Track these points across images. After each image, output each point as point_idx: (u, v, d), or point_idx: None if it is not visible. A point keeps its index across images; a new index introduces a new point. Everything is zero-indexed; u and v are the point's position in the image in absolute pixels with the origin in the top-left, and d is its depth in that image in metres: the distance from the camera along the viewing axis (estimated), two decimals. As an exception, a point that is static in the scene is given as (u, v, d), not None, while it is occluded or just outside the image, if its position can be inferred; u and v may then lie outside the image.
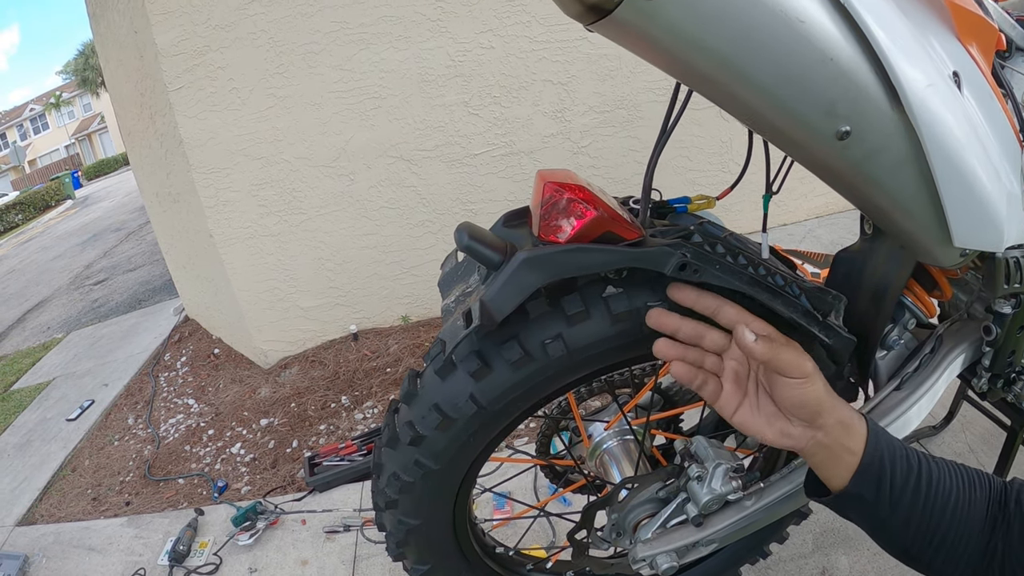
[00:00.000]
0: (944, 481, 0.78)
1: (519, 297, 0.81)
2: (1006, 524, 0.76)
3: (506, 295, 0.81)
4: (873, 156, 0.68)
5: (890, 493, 0.78)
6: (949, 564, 0.80)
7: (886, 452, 0.79)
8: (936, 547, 0.79)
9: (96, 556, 2.71)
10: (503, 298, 0.81)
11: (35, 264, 11.64)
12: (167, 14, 3.24)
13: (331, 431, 3.21)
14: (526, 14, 3.38)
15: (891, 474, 0.78)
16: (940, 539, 0.78)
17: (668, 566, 1.17)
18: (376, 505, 1.15)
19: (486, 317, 0.82)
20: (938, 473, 0.78)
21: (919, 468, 0.78)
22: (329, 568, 2.28)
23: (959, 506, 0.77)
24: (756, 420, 0.85)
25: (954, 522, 0.77)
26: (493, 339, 0.93)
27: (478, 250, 0.84)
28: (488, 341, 0.93)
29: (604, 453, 1.40)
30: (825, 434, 0.80)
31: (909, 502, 0.78)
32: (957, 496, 0.77)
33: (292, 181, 3.61)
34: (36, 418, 4.31)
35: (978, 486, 0.78)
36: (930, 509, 0.77)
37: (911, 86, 0.63)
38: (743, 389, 0.86)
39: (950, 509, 0.77)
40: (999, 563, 0.76)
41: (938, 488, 0.78)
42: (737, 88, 0.61)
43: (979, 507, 0.77)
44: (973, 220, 0.76)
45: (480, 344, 0.94)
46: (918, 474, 0.78)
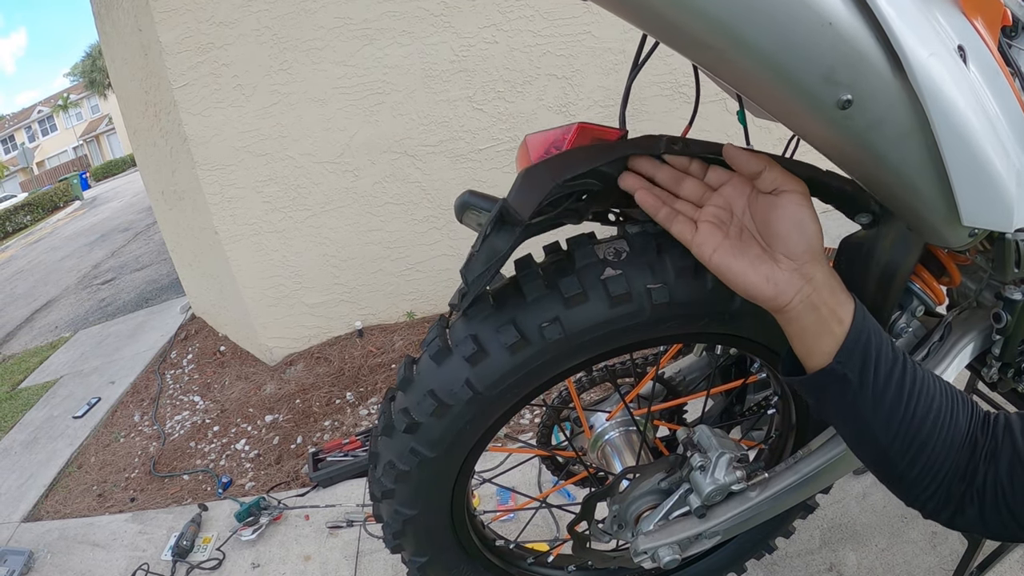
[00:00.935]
0: (928, 385, 0.75)
1: (539, 194, 0.77)
2: (991, 451, 0.73)
3: (525, 193, 0.77)
4: (876, 127, 0.65)
5: (874, 380, 0.73)
6: (924, 478, 0.76)
7: (873, 334, 0.74)
8: (914, 456, 0.75)
9: (100, 552, 2.71)
10: (523, 196, 0.77)
11: (43, 264, 11.69)
12: (171, 11, 3.24)
13: (335, 427, 3.20)
14: (530, 8, 3.36)
15: (877, 358, 0.73)
16: (919, 448, 0.74)
17: (670, 559, 1.15)
18: (373, 495, 1.14)
19: (512, 213, 0.77)
20: (923, 375, 0.75)
21: (904, 362, 0.74)
22: (332, 563, 2.27)
23: (941, 417, 0.74)
24: (738, 262, 0.76)
25: (935, 433, 0.74)
26: (490, 323, 0.91)
27: (479, 201, 0.83)
28: (485, 324, 0.91)
29: (606, 444, 1.38)
30: (814, 290, 0.74)
31: (893, 396, 0.73)
32: (940, 405, 0.74)
33: (296, 177, 3.60)
34: (43, 416, 4.33)
35: (960, 404, 0.75)
36: (912, 411, 0.73)
37: (914, 53, 0.61)
38: (723, 232, 0.78)
39: (932, 417, 0.74)
40: (978, 489, 0.73)
41: (922, 389, 0.74)
42: (733, 54, 0.59)
43: (960, 424, 0.74)
44: (981, 197, 0.73)
45: (476, 328, 0.92)
46: (903, 367, 0.74)
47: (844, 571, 1.80)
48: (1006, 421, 0.74)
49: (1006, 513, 0.72)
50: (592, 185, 0.82)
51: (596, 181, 0.81)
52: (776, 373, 1.17)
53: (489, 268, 0.80)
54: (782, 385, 1.20)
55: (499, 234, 0.78)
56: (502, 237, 0.78)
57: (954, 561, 1.71)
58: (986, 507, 0.73)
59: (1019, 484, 0.71)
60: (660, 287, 0.89)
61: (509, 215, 0.77)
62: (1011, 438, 0.72)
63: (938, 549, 1.79)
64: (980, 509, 0.74)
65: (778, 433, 1.34)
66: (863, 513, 1.94)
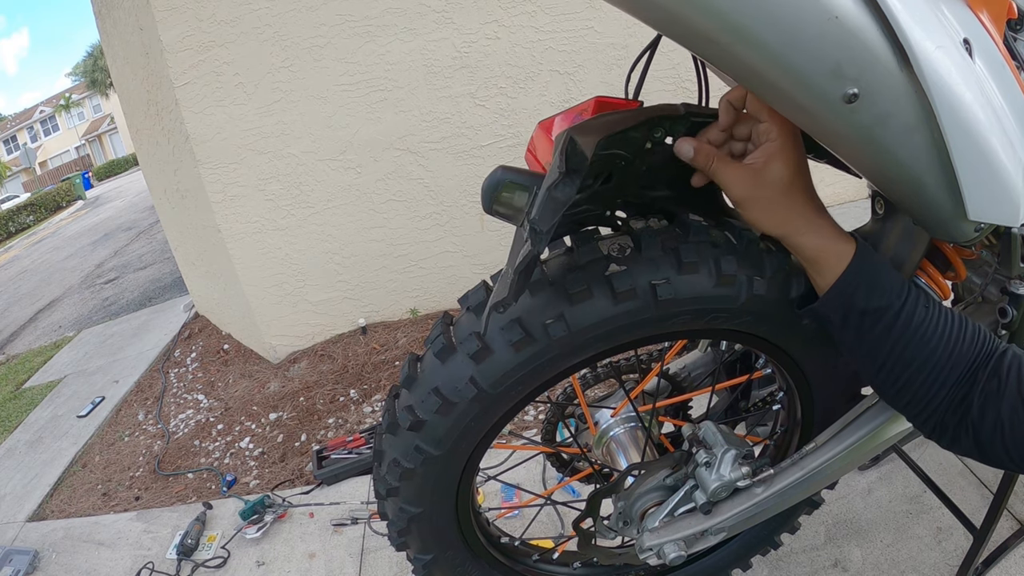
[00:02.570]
0: (925, 332, 0.79)
1: (593, 141, 0.76)
2: (992, 390, 0.76)
3: (575, 147, 0.76)
4: (883, 121, 0.65)
5: (858, 324, 0.81)
6: (913, 408, 0.84)
7: (862, 287, 0.80)
8: (900, 390, 0.82)
9: (105, 551, 2.71)
10: (578, 146, 0.76)
11: (47, 264, 11.71)
12: (172, 10, 3.23)
13: (339, 424, 3.20)
14: (532, 4, 3.35)
15: (864, 308, 0.80)
16: (905, 384, 0.81)
17: (676, 555, 1.15)
18: (378, 493, 1.14)
19: (577, 154, 0.76)
20: (920, 323, 0.79)
21: (898, 312, 0.79)
22: (336, 561, 2.27)
23: (934, 359, 0.79)
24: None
25: (924, 373, 0.79)
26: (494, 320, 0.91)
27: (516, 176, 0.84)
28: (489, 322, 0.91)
29: (611, 440, 1.37)
30: (795, 231, 0.83)
31: (877, 340, 0.81)
32: (935, 348, 0.79)
33: (299, 175, 3.60)
34: (47, 415, 4.33)
35: (965, 343, 0.79)
36: (899, 354, 0.80)
37: (920, 47, 0.61)
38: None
39: (921, 361, 0.79)
40: (974, 423, 0.78)
41: (914, 337, 0.79)
42: (738, 48, 0.59)
43: (959, 365, 0.78)
44: (988, 192, 0.73)
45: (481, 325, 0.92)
46: (894, 317, 0.79)
47: (849, 567, 1.79)
48: (1013, 360, 0.77)
49: (1001, 450, 0.77)
50: (623, 157, 0.83)
51: (626, 153, 0.82)
52: (781, 369, 1.16)
53: (557, 220, 0.78)
54: (787, 380, 1.20)
55: (561, 186, 0.77)
56: (566, 186, 0.77)
57: (959, 556, 1.71)
58: (983, 442, 0.78)
59: (1020, 426, 0.74)
60: (664, 283, 0.89)
61: (574, 155, 0.76)
62: (1018, 380, 0.75)
63: (943, 545, 1.78)
64: (976, 443, 0.79)
65: (783, 429, 1.34)
66: (868, 509, 1.94)
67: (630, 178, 0.87)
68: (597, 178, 0.85)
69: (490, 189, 0.86)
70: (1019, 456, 0.76)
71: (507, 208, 0.86)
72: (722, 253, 0.92)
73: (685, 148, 0.82)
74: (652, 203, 0.95)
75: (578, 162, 0.75)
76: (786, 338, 1.05)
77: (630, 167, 0.85)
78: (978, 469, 1.96)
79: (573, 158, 0.75)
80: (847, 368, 1.13)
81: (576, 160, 0.75)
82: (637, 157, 0.84)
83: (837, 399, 1.18)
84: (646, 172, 0.87)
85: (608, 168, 0.84)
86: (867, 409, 1.12)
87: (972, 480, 1.93)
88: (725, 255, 0.92)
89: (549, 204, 0.75)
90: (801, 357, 1.10)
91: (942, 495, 1.78)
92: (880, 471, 2.05)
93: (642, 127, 0.82)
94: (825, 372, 1.13)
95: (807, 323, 1.00)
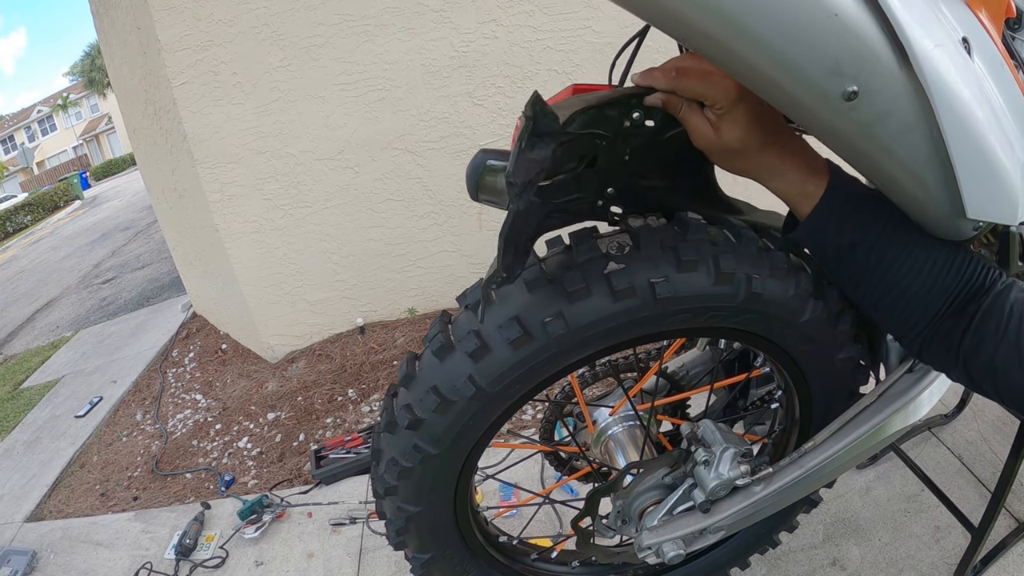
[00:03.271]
0: (902, 262, 0.81)
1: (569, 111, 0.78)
2: (991, 330, 0.77)
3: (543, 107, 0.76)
4: (882, 119, 0.65)
5: (834, 255, 0.84)
6: (897, 332, 0.89)
7: (832, 221, 0.82)
8: (881, 312, 0.87)
9: (103, 551, 2.71)
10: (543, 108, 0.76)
11: (44, 264, 11.68)
12: (170, 10, 3.23)
13: (338, 424, 3.20)
14: (530, 3, 3.35)
15: (837, 242, 0.82)
16: (885, 312, 0.85)
17: (674, 554, 1.15)
18: (376, 492, 1.14)
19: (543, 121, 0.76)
20: (897, 252, 0.81)
21: (874, 242, 0.81)
22: (335, 561, 2.27)
23: (913, 290, 0.81)
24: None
25: (902, 300, 0.82)
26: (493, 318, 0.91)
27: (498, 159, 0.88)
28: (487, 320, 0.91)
29: (609, 439, 1.37)
30: (763, 172, 0.84)
31: (848, 270, 0.84)
32: (913, 280, 0.80)
33: (297, 175, 3.59)
34: (45, 416, 4.32)
35: (952, 273, 0.80)
36: (876, 282, 0.82)
37: (919, 45, 0.61)
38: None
39: (898, 289, 0.82)
40: (965, 359, 0.81)
41: (889, 270, 0.81)
42: (738, 45, 0.59)
43: (943, 294, 0.80)
44: (986, 190, 0.73)
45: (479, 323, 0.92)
46: (867, 250, 0.81)
47: (847, 565, 1.79)
48: (1017, 304, 0.77)
49: (991, 389, 0.80)
50: (602, 136, 0.83)
51: (605, 132, 0.83)
52: (780, 367, 1.17)
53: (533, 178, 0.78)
54: (785, 379, 1.20)
55: (535, 148, 0.77)
56: (539, 148, 0.77)
57: (957, 555, 1.71)
58: (973, 378, 0.82)
59: (1013, 374, 0.76)
60: (663, 281, 0.89)
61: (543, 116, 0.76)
62: (1018, 329, 0.76)
63: (941, 543, 1.78)
64: (967, 375, 0.82)
65: (782, 427, 1.34)
66: (866, 507, 1.94)
67: (614, 161, 0.86)
68: (581, 160, 0.85)
69: (473, 174, 0.86)
70: (1010, 398, 0.78)
71: (492, 194, 0.87)
72: (721, 251, 0.92)
73: (655, 100, 0.82)
74: (646, 195, 0.94)
75: (548, 123, 0.75)
76: (784, 336, 1.05)
77: (613, 149, 0.85)
78: (976, 468, 1.96)
79: (542, 120, 0.75)
80: (845, 366, 1.13)
81: (545, 122, 0.75)
82: (617, 137, 0.84)
83: (835, 397, 1.18)
84: (634, 158, 0.87)
85: (589, 149, 0.84)
86: (865, 408, 1.12)
87: (970, 479, 1.93)
88: (724, 253, 0.92)
89: (523, 163, 0.76)
90: (799, 355, 1.10)
91: (940, 494, 1.78)
92: (878, 470, 2.05)
93: (617, 105, 0.82)
94: (823, 370, 1.13)
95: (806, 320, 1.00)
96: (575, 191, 0.88)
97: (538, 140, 0.76)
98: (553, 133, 0.76)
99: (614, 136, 0.83)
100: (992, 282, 0.79)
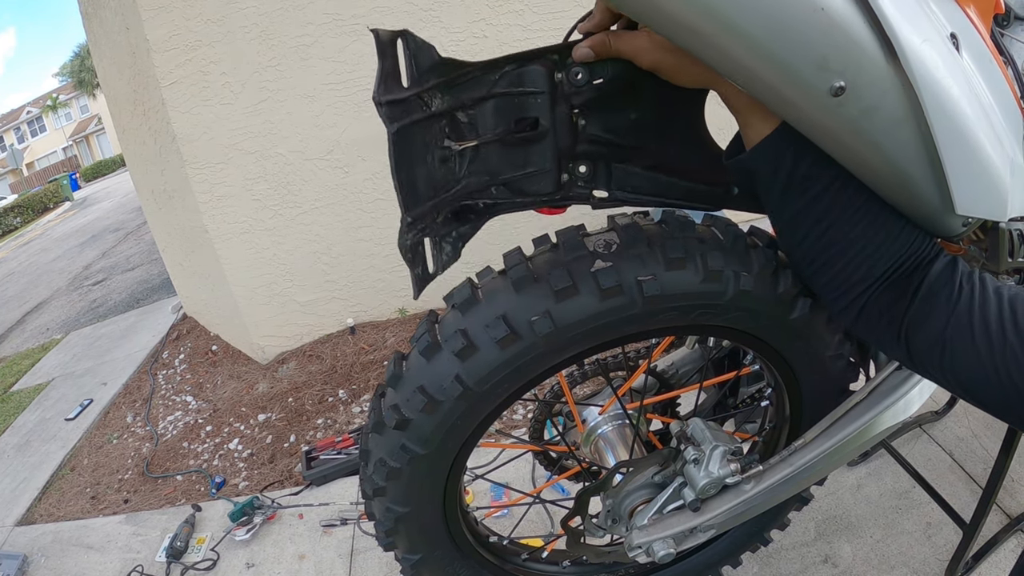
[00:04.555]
0: (854, 212, 0.75)
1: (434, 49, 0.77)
2: (941, 302, 0.74)
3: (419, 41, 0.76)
4: (869, 114, 0.65)
5: (787, 185, 0.76)
6: (828, 290, 0.82)
7: (792, 145, 0.74)
8: (818, 269, 0.80)
9: (94, 554, 2.69)
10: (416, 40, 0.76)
11: (34, 266, 11.62)
12: (158, 9, 3.21)
13: (328, 425, 3.19)
14: (519, 3, 3.34)
15: (791, 169, 0.75)
16: (824, 263, 0.79)
17: (665, 553, 1.15)
18: (365, 493, 1.13)
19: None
20: (850, 199, 0.75)
21: (831, 183, 0.75)
22: (326, 562, 2.26)
23: (859, 246, 0.76)
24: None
25: (844, 257, 0.77)
26: (479, 317, 0.90)
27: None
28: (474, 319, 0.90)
29: (599, 438, 1.37)
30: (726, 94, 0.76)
31: (801, 208, 0.77)
32: (862, 233, 0.76)
33: (286, 175, 3.58)
34: (35, 418, 4.30)
35: (902, 237, 0.76)
36: (822, 231, 0.77)
37: (907, 40, 0.61)
38: None
39: (844, 243, 0.76)
40: (907, 332, 0.76)
41: (842, 214, 0.75)
42: (724, 40, 0.58)
43: (888, 256, 0.76)
44: (976, 186, 0.73)
45: (466, 322, 0.91)
46: (826, 187, 0.75)
47: (839, 563, 1.79)
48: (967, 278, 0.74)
49: (936, 370, 0.76)
50: (532, 93, 0.79)
51: (534, 88, 0.79)
52: (769, 365, 1.16)
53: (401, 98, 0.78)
54: (775, 377, 1.19)
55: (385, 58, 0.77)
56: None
57: (949, 551, 1.71)
58: (915, 353, 0.77)
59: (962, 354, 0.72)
60: (651, 279, 0.89)
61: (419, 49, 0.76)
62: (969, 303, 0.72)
63: (933, 539, 1.79)
64: (908, 353, 0.78)
65: (772, 425, 1.34)
66: (857, 504, 1.94)
67: (563, 124, 0.81)
68: (519, 123, 0.80)
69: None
70: (955, 377, 0.74)
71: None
72: (709, 249, 0.92)
73: (583, 51, 0.77)
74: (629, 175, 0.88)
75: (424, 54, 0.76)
76: (773, 334, 1.04)
77: (555, 109, 0.80)
78: (967, 464, 1.97)
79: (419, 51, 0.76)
80: (835, 363, 1.13)
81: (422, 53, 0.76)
82: (551, 93, 0.79)
83: (825, 395, 1.18)
84: (591, 122, 0.82)
85: (522, 109, 0.80)
86: (855, 405, 1.12)
87: (961, 475, 1.94)
88: (712, 251, 0.92)
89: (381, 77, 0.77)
90: (789, 353, 1.09)
91: (931, 490, 1.78)
92: (869, 467, 2.05)
93: (539, 58, 0.79)
94: (813, 368, 1.13)
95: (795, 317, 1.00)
96: (526, 164, 0.83)
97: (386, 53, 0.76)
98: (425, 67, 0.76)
99: (547, 91, 0.79)
100: (936, 253, 0.76)
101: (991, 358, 0.68)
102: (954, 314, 0.72)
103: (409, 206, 0.79)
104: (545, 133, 0.81)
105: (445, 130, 0.79)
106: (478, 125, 0.79)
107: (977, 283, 0.73)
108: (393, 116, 0.75)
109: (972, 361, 0.71)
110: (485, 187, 0.83)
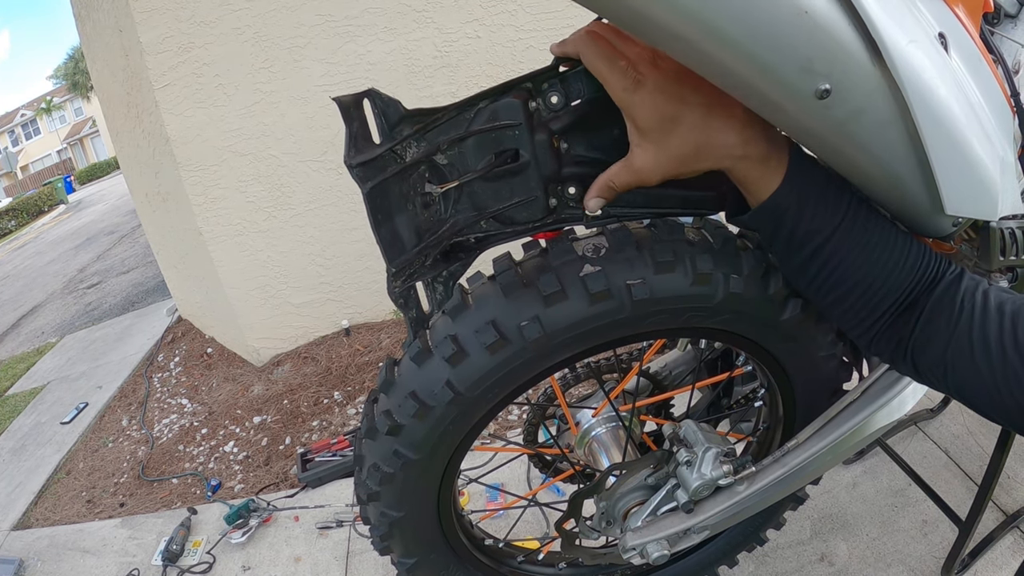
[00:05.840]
0: (858, 255, 0.76)
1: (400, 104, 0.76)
2: (942, 325, 0.74)
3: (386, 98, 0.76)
4: (856, 116, 0.64)
5: (789, 242, 0.77)
6: (844, 323, 0.83)
7: (791, 208, 0.75)
8: (830, 305, 0.81)
9: (90, 558, 2.69)
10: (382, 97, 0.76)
11: (29, 269, 11.60)
12: (151, 11, 3.21)
13: (324, 427, 3.18)
14: (512, 3, 3.34)
15: (791, 230, 0.76)
16: (835, 300, 0.80)
17: (659, 554, 1.14)
18: (359, 498, 1.13)
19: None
20: (855, 243, 0.75)
21: (832, 233, 0.75)
22: (322, 564, 2.26)
23: (866, 284, 0.76)
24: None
25: (853, 295, 0.78)
26: (469, 323, 0.90)
27: None
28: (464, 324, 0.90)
29: (592, 441, 1.37)
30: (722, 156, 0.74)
31: (806, 259, 0.78)
32: (868, 272, 0.76)
33: (280, 176, 3.57)
34: (31, 422, 4.29)
35: (908, 265, 0.76)
36: (828, 274, 0.78)
37: (893, 41, 0.60)
38: None
39: (851, 283, 0.77)
40: (913, 353, 0.77)
41: (845, 259, 0.76)
42: (706, 45, 0.58)
43: (897, 288, 0.76)
44: (965, 186, 0.72)
45: (456, 328, 0.91)
46: (827, 238, 0.75)
47: (835, 561, 1.80)
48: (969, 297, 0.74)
49: (940, 385, 0.77)
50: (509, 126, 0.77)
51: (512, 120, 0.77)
52: (762, 365, 1.16)
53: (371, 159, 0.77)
54: (768, 377, 1.19)
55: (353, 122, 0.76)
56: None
57: (945, 549, 1.71)
58: (922, 372, 0.78)
59: (962, 373, 0.72)
60: (640, 283, 0.88)
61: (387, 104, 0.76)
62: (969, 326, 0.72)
63: (929, 537, 1.79)
64: (915, 371, 0.79)
65: (766, 426, 1.34)
66: (853, 503, 1.94)
67: (544, 153, 0.79)
68: (499, 158, 0.78)
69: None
70: (959, 394, 0.75)
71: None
72: (698, 251, 0.91)
73: (593, 203, 0.79)
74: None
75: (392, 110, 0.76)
76: (765, 335, 1.04)
77: (533, 139, 0.77)
78: (963, 461, 1.97)
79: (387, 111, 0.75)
80: (828, 363, 1.13)
81: (389, 109, 0.75)
82: (528, 123, 0.77)
83: (819, 394, 1.17)
84: (573, 143, 0.79)
85: (500, 144, 0.78)
86: (849, 404, 1.12)
87: (957, 472, 1.94)
88: (701, 253, 0.91)
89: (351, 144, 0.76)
90: (781, 353, 1.09)
91: (927, 488, 1.78)
92: (864, 465, 2.05)
93: (514, 90, 0.77)
94: (806, 368, 1.13)
95: (786, 318, 1.00)
96: (513, 195, 0.80)
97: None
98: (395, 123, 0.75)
99: (524, 123, 0.76)
100: (942, 274, 0.76)
101: (991, 376, 0.69)
102: (954, 335, 0.73)
103: (392, 257, 0.79)
104: (527, 164, 0.78)
105: (425, 176, 0.78)
106: (458, 165, 0.78)
107: (979, 300, 0.73)
108: (366, 176, 0.75)
109: (973, 379, 0.71)
110: (474, 222, 0.81)
